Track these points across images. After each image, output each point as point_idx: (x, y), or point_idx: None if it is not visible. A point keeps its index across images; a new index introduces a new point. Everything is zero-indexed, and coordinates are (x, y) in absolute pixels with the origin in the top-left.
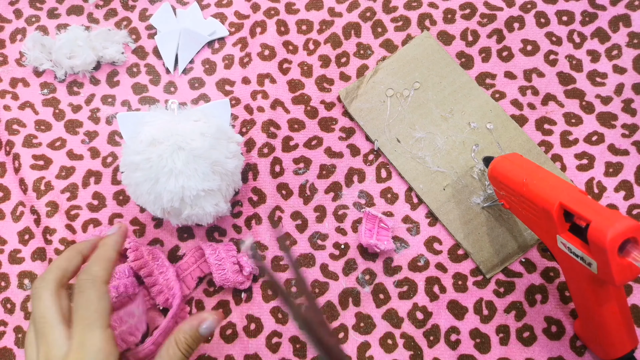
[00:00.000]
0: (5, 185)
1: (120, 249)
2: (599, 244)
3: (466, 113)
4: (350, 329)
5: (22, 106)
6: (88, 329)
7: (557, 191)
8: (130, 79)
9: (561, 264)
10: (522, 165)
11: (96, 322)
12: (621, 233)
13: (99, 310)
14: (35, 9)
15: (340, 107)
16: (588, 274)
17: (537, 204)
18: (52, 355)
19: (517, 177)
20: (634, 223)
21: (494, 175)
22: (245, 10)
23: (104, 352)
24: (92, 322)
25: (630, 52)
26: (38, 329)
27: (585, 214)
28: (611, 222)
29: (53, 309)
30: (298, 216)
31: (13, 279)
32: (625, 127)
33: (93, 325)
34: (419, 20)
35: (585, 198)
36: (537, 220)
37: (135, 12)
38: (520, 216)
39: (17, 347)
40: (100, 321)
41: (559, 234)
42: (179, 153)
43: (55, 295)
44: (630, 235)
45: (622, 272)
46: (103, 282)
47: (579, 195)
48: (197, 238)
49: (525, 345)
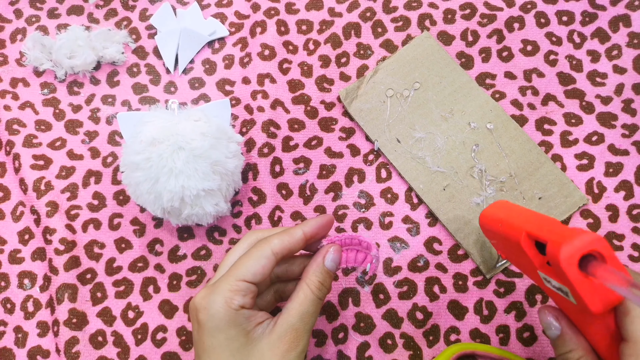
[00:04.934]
0: (5, 185)
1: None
2: (555, 264)
3: (466, 113)
4: (350, 329)
5: (22, 106)
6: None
7: (526, 223)
8: (130, 79)
9: (557, 304)
10: (505, 210)
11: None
12: (578, 248)
13: None
14: (35, 9)
15: (340, 107)
16: (572, 307)
17: (512, 240)
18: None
19: (495, 224)
20: (592, 236)
21: (483, 227)
22: (246, 10)
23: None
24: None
25: (630, 52)
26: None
27: (543, 235)
28: (565, 238)
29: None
30: (298, 216)
31: (13, 279)
32: (625, 127)
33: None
34: (419, 20)
35: (552, 222)
36: (521, 260)
37: (136, 12)
38: (514, 263)
39: (17, 347)
40: None
41: (538, 269)
42: (179, 153)
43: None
44: (589, 250)
45: (594, 295)
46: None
47: (547, 221)
48: (197, 238)
49: (525, 346)
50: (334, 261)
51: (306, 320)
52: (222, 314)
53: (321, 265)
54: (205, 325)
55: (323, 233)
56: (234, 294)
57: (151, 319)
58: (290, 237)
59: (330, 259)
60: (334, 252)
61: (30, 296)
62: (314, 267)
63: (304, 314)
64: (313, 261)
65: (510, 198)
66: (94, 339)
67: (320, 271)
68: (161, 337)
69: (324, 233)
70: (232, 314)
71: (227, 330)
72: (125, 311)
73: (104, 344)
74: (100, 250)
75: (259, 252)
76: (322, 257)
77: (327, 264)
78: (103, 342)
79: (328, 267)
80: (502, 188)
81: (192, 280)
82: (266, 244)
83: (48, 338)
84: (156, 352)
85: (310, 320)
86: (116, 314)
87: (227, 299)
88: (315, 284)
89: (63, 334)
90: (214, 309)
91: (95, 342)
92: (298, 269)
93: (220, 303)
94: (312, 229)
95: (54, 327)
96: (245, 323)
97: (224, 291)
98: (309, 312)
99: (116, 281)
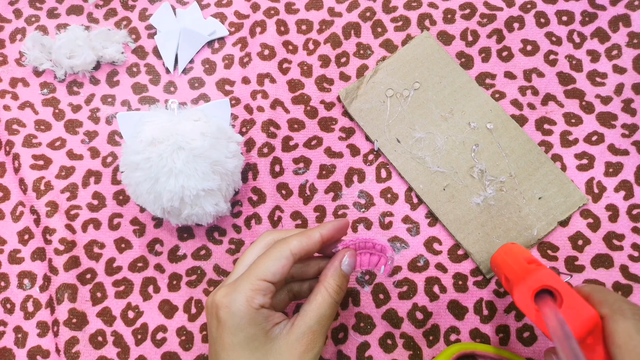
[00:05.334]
0: (5, 185)
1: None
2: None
3: (466, 113)
4: (350, 329)
5: (22, 106)
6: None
7: (509, 270)
8: (130, 78)
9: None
10: (510, 255)
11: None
12: (528, 287)
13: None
14: (35, 9)
15: (340, 107)
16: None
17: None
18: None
19: (501, 270)
20: (543, 273)
21: (492, 268)
22: (245, 10)
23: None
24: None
25: (630, 52)
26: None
27: (510, 276)
28: (520, 278)
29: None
30: (298, 216)
31: (13, 279)
32: (625, 127)
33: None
34: (418, 20)
35: (520, 265)
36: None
37: (135, 12)
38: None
39: (17, 347)
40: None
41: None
42: (179, 153)
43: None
44: (541, 286)
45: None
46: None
47: (522, 266)
48: (197, 238)
49: (525, 345)
50: (350, 265)
51: (323, 323)
52: (244, 312)
53: (339, 269)
54: (227, 323)
55: (339, 236)
56: (255, 293)
57: (151, 319)
58: (308, 238)
59: (346, 263)
60: (349, 257)
61: (30, 296)
62: (331, 271)
63: (322, 316)
64: (330, 265)
65: (510, 198)
66: (94, 339)
67: (338, 275)
68: (161, 337)
69: (339, 236)
70: (252, 313)
71: (247, 329)
72: (125, 311)
73: (104, 344)
74: (100, 250)
75: (278, 252)
76: (339, 261)
77: (344, 267)
78: (103, 342)
79: (345, 270)
80: (502, 188)
81: (192, 280)
82: (285, 244)
83: (48, 338)
84: (156, 352)
85: (327, 323)
86: (116, 314)
87: (249, 297)
88: (333, 287)
89: (63, 334)
90: (235, 307)
91: (95, 342)
92: (312, 270)
93: (241, 301)
94: (329, 232)
95: (54, 327)
96: (264, 322)
97: (245, 290)
98: (326, 315)
99: (116, 281)
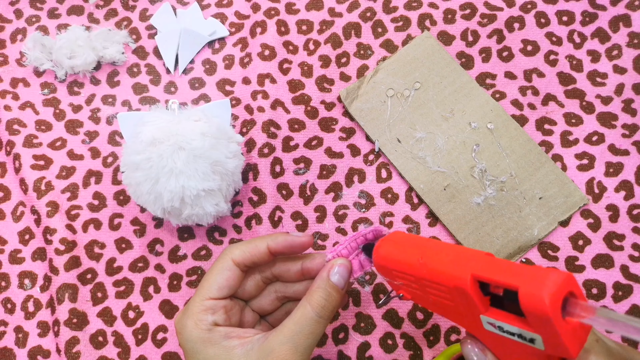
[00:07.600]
0: (6, 185)
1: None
2: (538, 312)
3: (467, 113)
4: (350, 329)
5: (23, 106)
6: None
7: (463, 262)
8: (130, 79)
9: (495, 350)
10: (411, 243)
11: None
12: (558, 291)
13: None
14: (35, 9)
15: (341, 107)
16: (532, 352)
17: (444, 284)
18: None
19: (410, 259)
20: (564, 275)
21: (381, 264)
22: (246, 11)
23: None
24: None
25: (631, 52)
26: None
27: (506, 280)
28: (541, 282)
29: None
30: (298, 216)
31: (13, 279)
32: (626, 127)
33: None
34: (419, 20)
35: (495, 261)
36: (450, 303)
37: (136, 12)
38: (427, 305)
39: (17, 347)
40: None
41: (482, 313)
42: (180, 153)
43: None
44: (568, 291)
45: (574, 338)
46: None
47: (488, 260)
48: (198, 238)
49: None
50: (342, 275)
51: (299, 342)
52: (196, 336)
53: (326, 280)
54: (185, 348)
55: (294, 252)
56: (203, 314)
57: (151, 319)
58: (254, 248)
59: (336, 273)
60: (340, 266)
61: (30, 296)
62: (317, 283)
63: (298, 334)
64: (317, 277)
65: (510, 198)
66: (95, 339)
67: (325, 287)
68: (161, 337)
69: (294, 252)
70: (205, 335)
71: (205, 351)
72: (126, 311)
73: (105, 344)
74: (100, 250)
75: (220, 264)
76: (327, 271)
77: (333, 279)
78: (103, 342)
79: (335, 282)
80: (503, 188)
81: (193, 281)
82: (227, 254)
83: (48, 338)
84: (156, 352)
85: (306, 342)
86: (116, 314)
87: (197, 320)
88: (318, 301)
89: (63, 334)
90: (187, 333)
91: (96, 342)
92: (294, 269)
93: (191, 326)
94: (278, 246)
95: (55, 327)
96: (224, 341)
97: (193, 313)
98: (304, 333)
99: (116, 281)
